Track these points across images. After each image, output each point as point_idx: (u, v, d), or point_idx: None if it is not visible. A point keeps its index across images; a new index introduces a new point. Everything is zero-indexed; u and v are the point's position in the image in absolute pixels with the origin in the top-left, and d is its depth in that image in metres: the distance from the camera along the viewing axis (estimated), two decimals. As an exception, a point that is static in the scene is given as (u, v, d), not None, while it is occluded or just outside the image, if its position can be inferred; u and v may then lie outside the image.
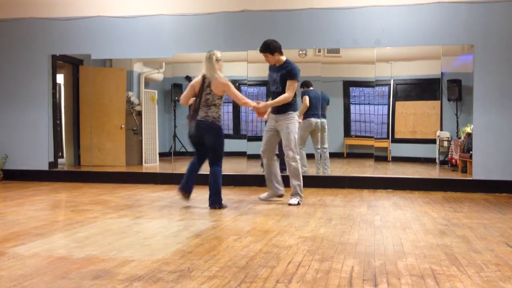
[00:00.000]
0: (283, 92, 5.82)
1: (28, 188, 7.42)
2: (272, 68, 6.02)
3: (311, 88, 8.26)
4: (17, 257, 3.40)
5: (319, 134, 8.19)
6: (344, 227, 4.53)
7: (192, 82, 5.68)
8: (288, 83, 5.80)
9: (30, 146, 8.48)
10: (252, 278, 2.94)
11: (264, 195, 6.19)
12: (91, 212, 5.27)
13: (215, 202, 5.59)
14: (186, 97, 5.68)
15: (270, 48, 5.85)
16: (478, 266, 3.23)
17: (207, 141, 5.58)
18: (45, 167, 8.46)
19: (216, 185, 5.60)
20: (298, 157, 5.93)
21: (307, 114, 8.09)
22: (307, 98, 8.09)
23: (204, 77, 5.56)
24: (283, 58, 5.95)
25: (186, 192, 5.76)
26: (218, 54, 5.61)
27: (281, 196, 6.16)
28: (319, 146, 8.21)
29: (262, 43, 5.93)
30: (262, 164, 7.54)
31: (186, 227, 4.48)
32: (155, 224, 4.69)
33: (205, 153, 5.68)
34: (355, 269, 3.14)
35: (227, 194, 6.80)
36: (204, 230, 4.34)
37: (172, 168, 8.66)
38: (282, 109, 5.86)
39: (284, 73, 5.83)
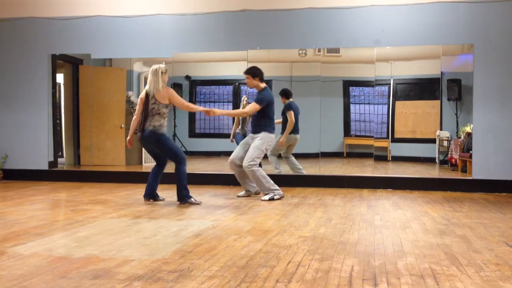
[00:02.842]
0: (258, 116, 6.36)
1: (28, 188, 7.42)
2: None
3: (292, 99, 7.99)
4: (17, 257, 3.40)
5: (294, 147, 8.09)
6: (344, 226, 4.53)
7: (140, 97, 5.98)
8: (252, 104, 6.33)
9: (30, 145, 8.49)
10: (252, 277, 2.94)
11: (241, 193, 6.59)
12: (91, 212, 5.27)
13: (181, 199, 5.87)
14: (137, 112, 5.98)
15: (252, 72, 6.33)
16: (478, 266, 3.23)
17: (156, 149, 5.97)
18: (45, 166, 8.46)
19: (179, 182, 5.86)
20: (254, 165, 6.24)
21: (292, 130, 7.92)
22: (292, 114, 7.83)
23: (147, 92, 5.84)
24: (262, 85, 6.38)
25: (151, 198, 6.13)
26: (163, 67, 5.91)
27: (257, 193, 6.55)
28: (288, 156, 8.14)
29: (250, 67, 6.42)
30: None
31: (186, 227, 4.48)
32: (155, 223, 4.69)
33: (163, 157, 6.09)
34: (355, 269, 3.14)
35: (227, 194, 6.80)
36: (204, 230, 4.34)
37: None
38: (258, 130, 6.38)
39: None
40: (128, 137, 6.14)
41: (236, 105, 9.48)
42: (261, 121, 6.36)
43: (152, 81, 5.80)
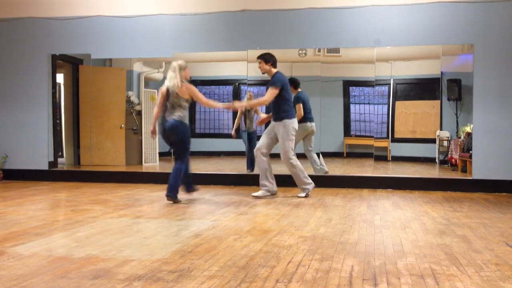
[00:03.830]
0: (275, 102, 6.31)
1: (28, 188, 7.42)
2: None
3: (300, 89, 7.85)
4: (17, 257, 3.40)
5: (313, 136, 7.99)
6: (344, 226, 4.53)
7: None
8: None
9: (30, 145, 8.48)
10: (252, 277, 2.94)
11: (258, 193, 6.48)
12: (91, 212, 5.27)
13: (168, 194, 5.90)
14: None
15: (264, 57, 6.39)
16: (478, 266, 3.23)
17: (175, 137, 6.03)
18: (45, 166, 8.46)
19: (178, 180, 5.96)
20: (293, 155, 6.38)
21: (303, 119, 7.75)
22: (301, 106, 7.67)
23: (168, 87, 6.00)
24: (274, 70, 6.42)
25: (189, 191, 6.25)
26: (181, 64, 6.06)
27: (274, 193, 6.55)
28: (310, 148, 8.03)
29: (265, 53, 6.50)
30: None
31: (186, 227, 4.48)
32: (155, 223, 4.69)
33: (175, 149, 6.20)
34: (355, 269, 3.14)
35: (227, 194, 6.80)
36: (204, 230, 4.34)
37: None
38: (278, 117, 6.35)
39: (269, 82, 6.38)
40: (152, 128, 6.20)
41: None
42: (280, 107, 6.32)
43: (171, 77, 5.98)
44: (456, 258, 3.42)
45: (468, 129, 7.80)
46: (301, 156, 7.01)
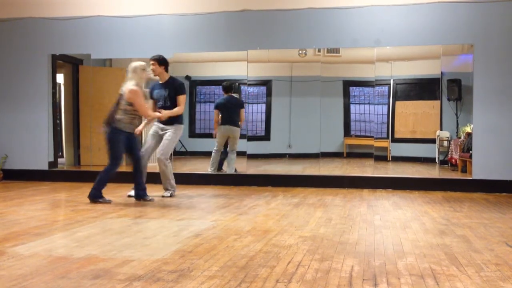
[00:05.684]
0: (173, 106, 6.42)
1: (28, 188, 7.42)
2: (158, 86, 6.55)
3: (227, 94, 8.29)
4: (17, 257, 3.40)
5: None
6: (344, 226, 4.53)
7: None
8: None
9: (30, 146, 8.48)
10: (252, 277, 2.94)
11: (131, 192, 6.45)
12: (91, 212, 5.27)
13: (96, 197, 5.92)
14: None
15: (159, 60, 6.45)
16: (478, 266, 3.23)
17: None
18: (45, 166, 8.46)
19: (103, 182, 6.00)
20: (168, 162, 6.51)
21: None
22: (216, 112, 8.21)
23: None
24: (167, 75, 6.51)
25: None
26: (142, 64, 6.12)
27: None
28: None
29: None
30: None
31: (186, 227, 4.48)
32: (155, 224, 4.69)
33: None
34: (355, 269, 3.14)
35: (227, 194, 6.80)
36: (204, 230, 4.34)
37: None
38: (169, 121, 6.46)
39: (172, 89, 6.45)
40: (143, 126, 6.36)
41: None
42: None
43: (127, 78, 6.05)
44: (456, 258, 3.42)
45: (468, 129, 7.80)
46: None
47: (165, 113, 6.38)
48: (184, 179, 7.90)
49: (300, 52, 8.25)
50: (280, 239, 3.99)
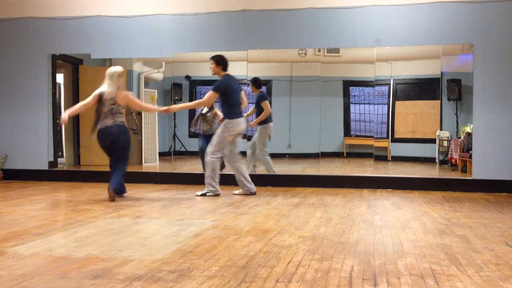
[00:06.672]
0: (221, 105, 6.67)
1: (28, 188, 7.42)
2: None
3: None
4: (17, 257, 3.40)
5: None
6: (344, 226, 4.53)
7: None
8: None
9: (30, 145, 8.48)
10: (252, 277, 2.94)
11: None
12: (91, 212, 5.27)
13: (121, 191, 6.32)
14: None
15: (216, 59, 6.62)
16: (478, 266, 3.23)
17: (120, 142, 6.17)
18: (45, 166, 8.46)
19: (121, 178, 6.25)
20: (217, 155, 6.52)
21: (267, 119, 7.96)
22: (267, 104, 7.89)
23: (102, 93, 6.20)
24: (223, 73, 6.61)
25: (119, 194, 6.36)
26: (121, 70, 6.30)
27: (254, 193, 6.68)
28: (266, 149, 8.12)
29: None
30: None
31: (186, 227, 4.48)
32: (155, 223, 4.69)
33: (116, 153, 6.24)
34: (355, 269, 3.14)
35: (227, 194, 6.80)
36: (204, 230, 4.34)
37: (172, 167, 8.66)
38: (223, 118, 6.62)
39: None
40: (67, 115, 6.26)
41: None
42: (223, 110, 6.64)
43: (109, 85, 6.20)
44: (456, 258, 3.42)
45: (468, 129, 7.81)
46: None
47: (174, 107, 6.68)
48: (184, 179, 7.91)
49: (300, 52, 8.25)
50: (280, 239, 4.00)
